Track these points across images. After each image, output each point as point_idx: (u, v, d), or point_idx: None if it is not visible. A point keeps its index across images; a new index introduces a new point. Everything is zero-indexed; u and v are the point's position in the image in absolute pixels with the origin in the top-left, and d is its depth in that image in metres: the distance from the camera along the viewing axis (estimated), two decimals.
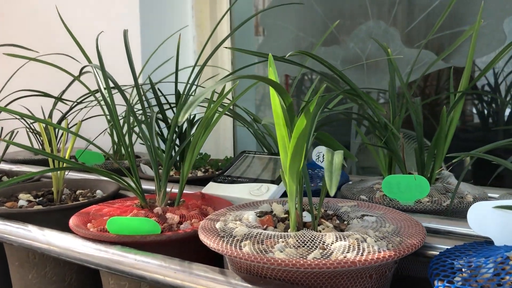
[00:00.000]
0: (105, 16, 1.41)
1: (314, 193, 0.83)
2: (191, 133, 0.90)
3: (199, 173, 0.97)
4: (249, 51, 0.72)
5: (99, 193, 0.82)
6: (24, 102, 1.23)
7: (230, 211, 0.61)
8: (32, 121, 1.26)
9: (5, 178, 0.93)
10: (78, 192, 0.84)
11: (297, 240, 0.47)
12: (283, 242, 0.47)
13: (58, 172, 0.80)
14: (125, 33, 0.78)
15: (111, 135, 1.15)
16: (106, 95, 0.72)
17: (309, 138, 0.53)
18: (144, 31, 1.34)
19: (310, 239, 0.48)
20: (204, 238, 0.50)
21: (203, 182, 0.85)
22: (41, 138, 1.27)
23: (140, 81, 1.35)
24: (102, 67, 0.72)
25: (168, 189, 0.69)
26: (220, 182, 0.79)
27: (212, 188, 0.77)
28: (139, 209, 0.66)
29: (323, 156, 0.90)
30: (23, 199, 0.79)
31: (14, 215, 0.69)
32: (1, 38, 1.73)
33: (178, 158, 1.00)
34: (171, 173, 0.97)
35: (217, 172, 0.99)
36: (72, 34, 1.00)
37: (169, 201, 0.69)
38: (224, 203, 0.72)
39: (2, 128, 0.96)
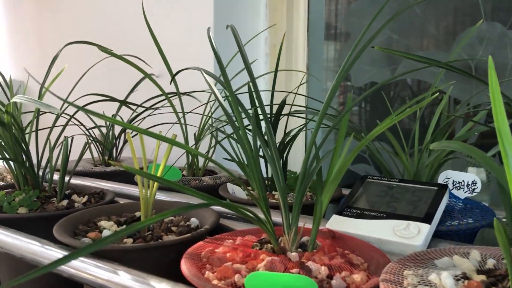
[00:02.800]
0: (178, 16, 1.28)
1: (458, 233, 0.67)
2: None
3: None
4: (407, 53, 0.57)
5: (193, 221, 0.68)
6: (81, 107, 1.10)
7: (402, 266, 0.45)
8: (88, 128, 1.13)
9: (75, 197, 0.79)
10: (168, 219, 0.70)
11: None
12: None
13: (148, 193, 0.66)
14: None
15: (186, 142, 1.01)
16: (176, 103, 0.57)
17: None
18: (217, 28, 1.20)
19: None
20: None
21: (307, 208, 0.71)
22: (101, 147, 1.14)
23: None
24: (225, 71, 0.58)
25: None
26: (347, 215, 0.63)
27: (339, 224, 0.62)
28: (269, 254, 0.51)
29: (452, 183, 0.74)
30: (106, 227, 0.65)
31: (104, 253, 0.55)
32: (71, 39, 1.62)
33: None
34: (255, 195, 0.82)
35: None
36: (155, 37, 0.87)
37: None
38: (363, 246, 0.56)
39: (72, 138, 0.83)
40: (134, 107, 1.12)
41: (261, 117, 0.86)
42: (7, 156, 0.75)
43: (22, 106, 0.82)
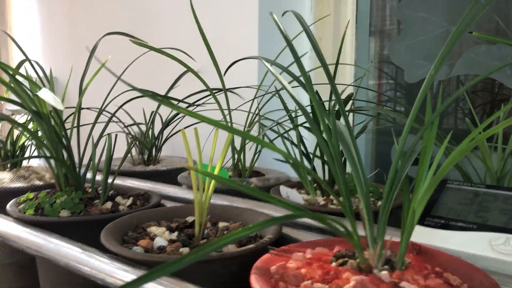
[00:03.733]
0: (220, 9, 1.22)
1: None
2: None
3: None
4: None
5: None
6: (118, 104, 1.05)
7: None
8: (126, 125, 1.08)
9: (120, 199, 0.74)
10: (221, 224, 0.63)
11: None
12: None
13: (203, 198, 0.59)
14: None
15: (233, 146, 0.95)
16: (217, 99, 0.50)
17: None
18: (262, 20, 1.13)
19: None
20: None
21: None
22: (141, 146, 1.08)
23: (256, 83, 1.14)
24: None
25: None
26: (431, 226, 0.56)
27: (423, 236, 0.55)
28: (354, 272, 0.44)
29: None
30: (158, 234, 0.59)
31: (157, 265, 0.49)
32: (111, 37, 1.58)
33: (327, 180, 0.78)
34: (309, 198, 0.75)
35: (378, 203, 0.76)
36: (201, 29, 0.81)
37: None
38: (457, 262, 0.49)
39: (116, 135, 0.77)
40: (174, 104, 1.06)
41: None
42: (47, 154, 0.70)
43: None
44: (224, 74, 0.78)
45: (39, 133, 0.69)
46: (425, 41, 1.13)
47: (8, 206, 0.69)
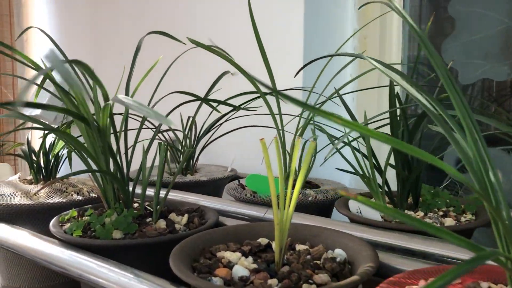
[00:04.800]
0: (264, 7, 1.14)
1: None
2: None
3: (445, 220, 0.66)
4: None
5: (339, 254, 0.53)
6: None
7: None
8: (161, 131, 0.99)
9: (174, 216, 0.65)
10: (299, 247, 0.55)
11: None
12: None
13: (284, 218, 0.51)
14: None
15: (283, 150, 0.86)
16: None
17: None
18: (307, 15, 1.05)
19: None
20: None
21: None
22: (178, 154, 1.00)
23: (300, 84, 1.06)
24: None
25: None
26: None
27: None
28: None
29: None
30: (233, 261, 0.50)
31: None
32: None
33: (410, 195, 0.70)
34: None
35: (467, 219, 0.68)
36: (256, 30, 0.73)
37: None
38: None
39: (166, 145, 0.69)
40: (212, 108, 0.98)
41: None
42: (93, 166, 0.62)
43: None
44: (295, 75, 0.70)
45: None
46: (483, 39, 1.05)
47: (51, 226, 0.61)
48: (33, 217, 0.71)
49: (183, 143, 1.00)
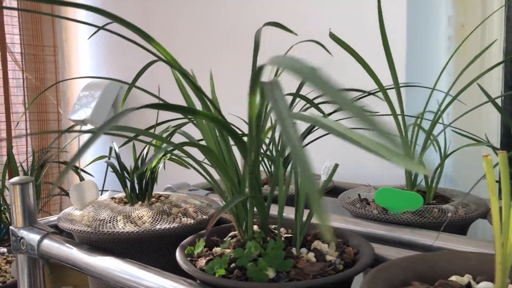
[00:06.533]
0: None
1: None
2: None
3: None
4: None
5: None
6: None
7: None
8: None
9: (319, 244, 0.54)
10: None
11: None
12: None
13: (507, 253, 0.39)
14: None
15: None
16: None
17: None
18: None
19: None
20: None
21: None
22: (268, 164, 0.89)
23: (402, 79, 0.95)
24: None
25: None
26: None
27: None
28: None
29: None
30: None
31: None
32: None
33: None
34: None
35: None
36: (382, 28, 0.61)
37: None
38: None
39: None
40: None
41: None
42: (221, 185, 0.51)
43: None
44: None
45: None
46: None
47: (182, 263, 0.49)
48: (140, 246, 0.60)
49: (272, 152, 0.88)
